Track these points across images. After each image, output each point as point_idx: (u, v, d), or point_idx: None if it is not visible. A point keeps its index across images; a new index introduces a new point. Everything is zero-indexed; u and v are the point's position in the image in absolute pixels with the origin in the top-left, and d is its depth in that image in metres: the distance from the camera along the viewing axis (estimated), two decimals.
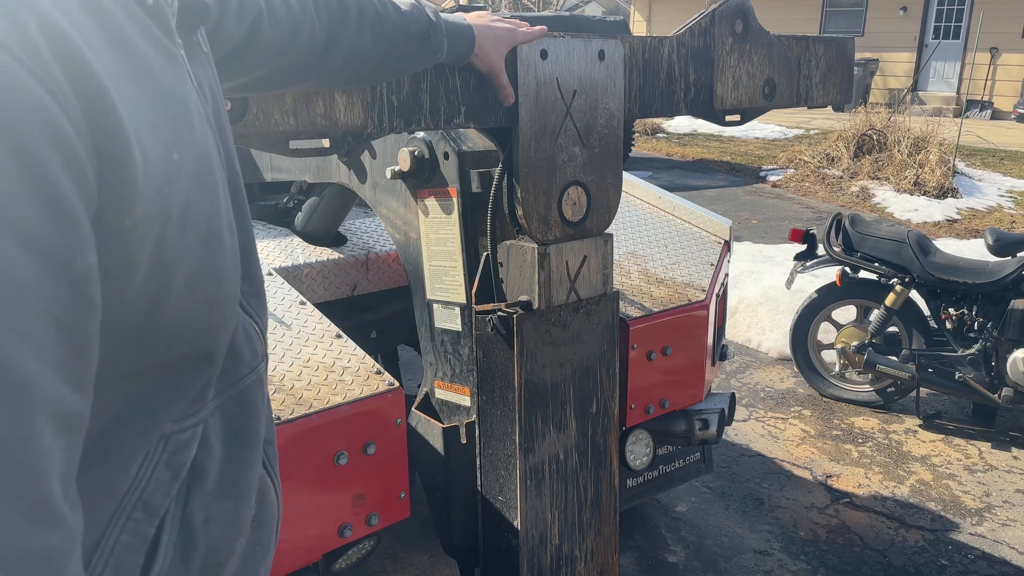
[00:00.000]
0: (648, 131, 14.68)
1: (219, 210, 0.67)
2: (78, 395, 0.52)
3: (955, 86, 17.74)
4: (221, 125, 0.77)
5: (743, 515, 3.34)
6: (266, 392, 0.86)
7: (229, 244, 0.69)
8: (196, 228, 0.62)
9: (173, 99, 0.62)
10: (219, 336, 0.70)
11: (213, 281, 0.66)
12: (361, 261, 2.67)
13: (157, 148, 0.57)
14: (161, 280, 0.60)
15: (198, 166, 0.63)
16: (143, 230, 0.56)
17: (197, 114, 0.66)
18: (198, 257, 0.63)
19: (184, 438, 0.70)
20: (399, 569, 2.92)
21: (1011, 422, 4.20)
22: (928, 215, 8.75)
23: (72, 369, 0.51)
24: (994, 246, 4.01)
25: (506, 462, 1.88)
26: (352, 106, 1.38)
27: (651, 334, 2.34)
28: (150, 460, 0.67)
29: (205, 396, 0.73)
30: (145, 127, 0.57)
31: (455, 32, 1.41)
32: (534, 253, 1.75)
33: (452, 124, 1.55)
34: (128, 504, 0.66)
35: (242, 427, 0.79)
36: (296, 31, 1.08)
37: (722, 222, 2.95)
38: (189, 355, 0.67)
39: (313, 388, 1.74)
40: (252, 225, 0.82)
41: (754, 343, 5.20)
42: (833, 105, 2.31)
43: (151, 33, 0.62)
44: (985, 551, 3.13)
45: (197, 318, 0.66)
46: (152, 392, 0.65)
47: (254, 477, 0.81)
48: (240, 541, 0.79)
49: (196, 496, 0.72)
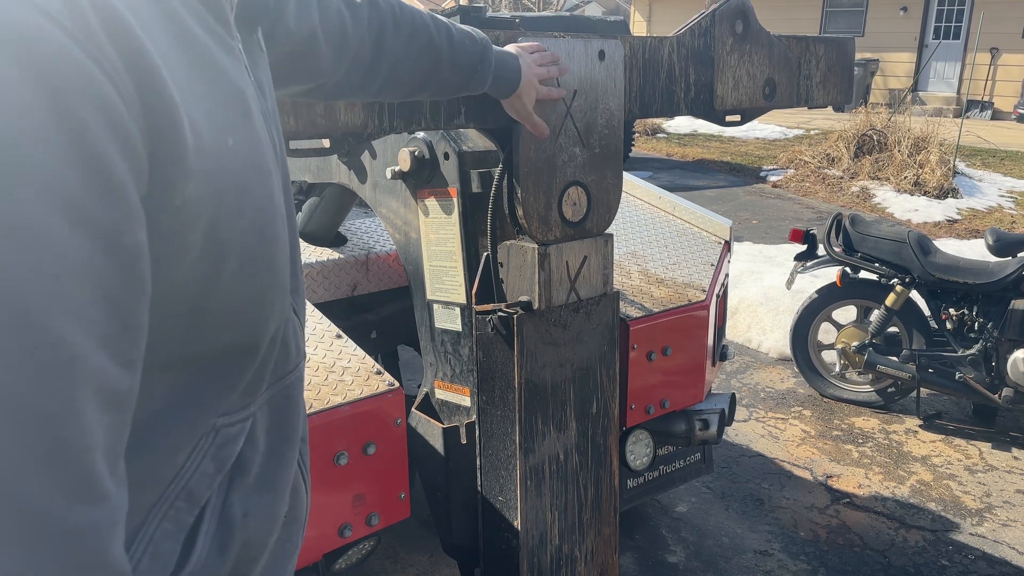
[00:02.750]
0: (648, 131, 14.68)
1: (273, 200, 0.67)
2: (125, 372, 0.52)
3: (955, 86, 17.73)
4: (277, 123, 0.78)
5: (743, 515, 3.34)
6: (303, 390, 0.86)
7: (283, 235, 0.69)
8: (250, 214, 0.63)
9: (230, 87, 0.62)
10: (266, 327, 0.70)
11: (266, 270, 0.66)
12: (361, 261, 2.67)
13: (211, 131, 0.58)
14: (213, 263, 0.60)
15: (253, 155, 0.64)
16: (195, 210, 0.56)
17: (255, 105, 0.67)
18: (252, 244, 0.63)
19: (233, 432, 0.70)
20: (399, 569, 2.92)
21: (1011, 422, 4.20)
22: (928, 215, 8.75)
23: (119, 346, 0.51)
24: (994, 246, 4.01)
25: (506, 462, 1.88)
26: (352, 106, 1.38)
27: (651, 334, 2.34)
28: (198, 451, 0.67)
29: (257, 390, 0.73)
30: (199, 110, 0.57)
31: (502, 69, 1.42)
32: (534, 253, 1.75)
33: (452, 124, 1.55)
34: (172, 493, 0.65)
35: (285, 422, 0.79)
36: (344, 47, 1.10)
37: (722, 222, 2.95)
38: (236, 345, 0.67)
39: (313, 388, 1.74)
40: (296, 221, 0.83)
41: (754, 343, 5.20)
42: (833, 105, 2.31)
43: (208, 23, 0.63)
44: (985, 551, 3.13)
45: (247, 306, 0.66)
46: (200, 382, 0.65)
47: (291, 474, 0.81)
48: (274, 536, 0.79)
49: (237, 489, 0.72)
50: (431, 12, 1.31)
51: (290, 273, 0.76)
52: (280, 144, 0.77)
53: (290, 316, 0.78)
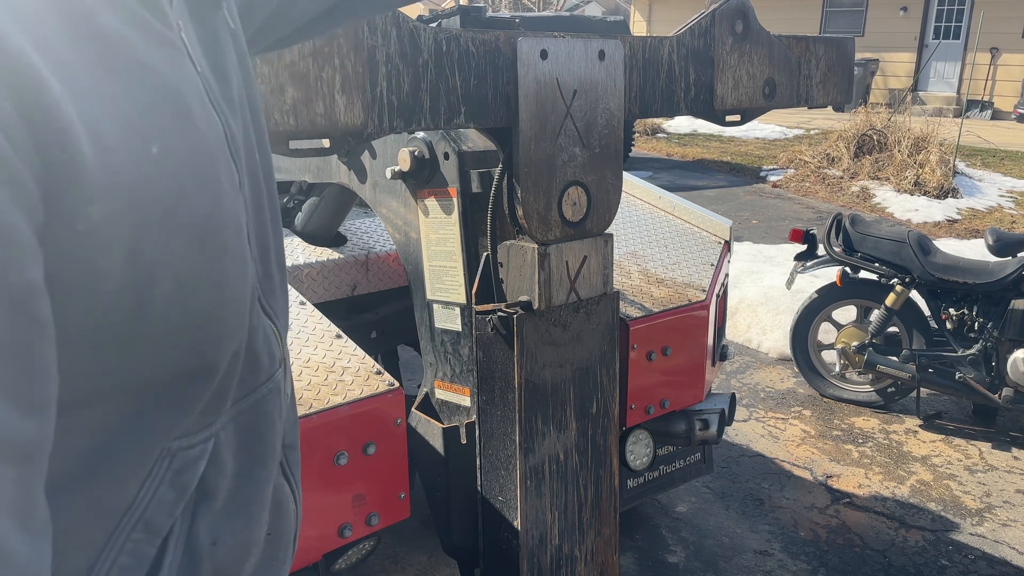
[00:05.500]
0: (648, 131, 14.68)
1: (220, 209, 0.60)
2: (30, 419, 0.47)
3: (955, 86, 17.74)
4: (245, 110, 0.71)
5: (743, 515, 3.34)
6: (285, 398, 0.79)
7: (235, 245, 0.63)
8: (187, 230, 0.57)
9: (158, 86, 0.56)
10: (220, 347, 0.64)
11: (213, 287, 0.60)
12: (361, 261, 2.67)
13: (128, 141, 0.52)
14: (140, 288, 0.54)
15: (192, 160, 0.58)
16: (106, 234, 0.51)
17: (198, 102, 0.60)
18: (191, 261, 0.57)
19: (193, 455, 0.65)
20: (399, 569, 2.92)
21: (1011, 422, 4.20)
22: (928, 215, 8.75)
23: (20, 392, 0.46)
24: (994, 246, 4.01)
25: (506, 462, 1.88)
26: (352, 106, 1.38)
27: (651, 334, 2.34)
28: (153, 478, 0.62)
29: (220, 408, 0.67)
30: (110, 118, 0.51)
31: None
32: (534, 253, 1.75)
33: (452, 124, 1.55)
34: (127, 524, 0.61)
35: (257, 440, 0.73)
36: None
37: (722, 222, 2.95)
38: (187, 367, 0.61)
39: (313, 388, 1.74)
40: (279, 215, 0.77)
41: (754, 343, 5.20)
42: (833, 105, 2.31)
43: (136, 16, 0.57)
44: (985, 551, 3.13)
45: (193, 327, 0.60)
46: (148, 408, 0.60)
47: (267, 494, 0.75)
48: (250, 561, 0.75)
49: (203, 516, 0.67)
50: None
51: (261, 275, 0.71)
52: (250, 132, 0.71)
53: (259, 323, 0.71)
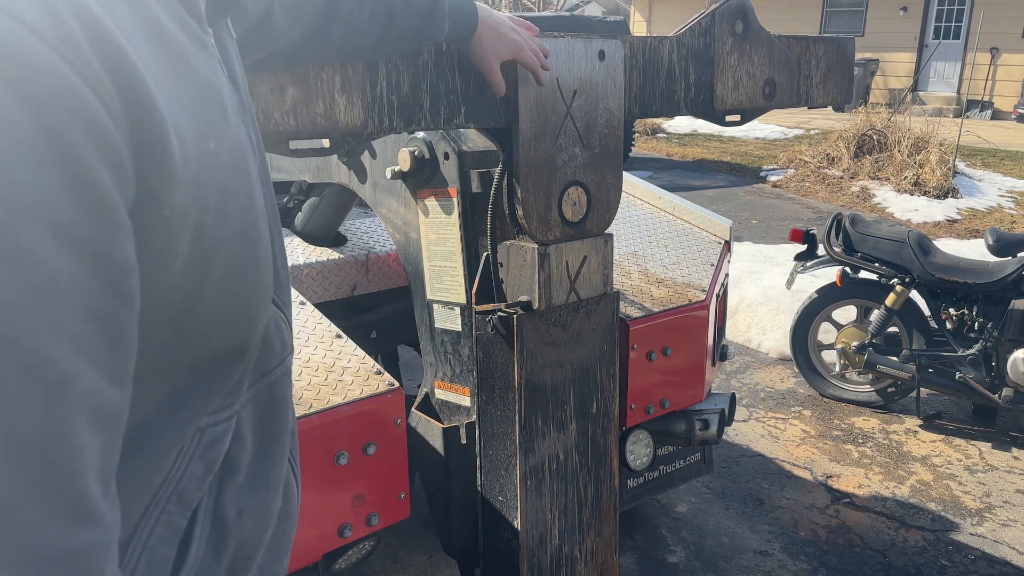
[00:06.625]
0: (648, 131, 14.68)
1: (254, 200, 0.66)
2: (117, 390, 0.51)
3: (955, 86, 17.73)
4: (251, 114, 0.77)
5: (743, 515, 3.34)
6: (292, 384, 0.85)
7: (265, 234, 0.68)
8: (234, 217, 0.62)
9: (207, 87, 0.61)
10: (255, 327, 0.70)
11: (252, 272, 0.66)
12: (361, 261, 2.67)
13: (194, 136, 0.57)
14: (200, 270, 0.59)
15: (233, 155, 0.63)
16: (182, 219, 0.55)
17: (230, 103, 0.66)
18: (237, 246, 0.63)
19: (219, 431, 0.70)
20: (399, 569, 2.92)
21: (1011, 422, 4.20)
22: (928, 215, 8.75)
23: (111, 364, 0.50)
24: (994, 246, 4.01)
25: (506, 462, 1.88)
26: (352, 106, 1.38)
27: (651, 334, 2.34)
28: (185, 453, 0.66)
29: (239, 388, 0.72)
30: (181, 115, 0.56)
31: (458, 11, 1.39)
32: (534, 253, 1.75)
33: (452, 124, 1.55)
34: (162, 497, 0.65)
35: (272, 419, 0.78)
36: (300, 12, 1.09)
37: (722, 222, 2.95)
38: (225, 347, 0.67)
39: (313, 388, 1.74)
40: (277, 213, 0.82)
41: (754, 343, 5.20)
42: (833, 105, 2.31)
43: (184, 21, 0.61)
44: (985, 551, 3.13)
45: (235, 309, 0.65)
46: (189, 386, 0.65)
47: (282, 471, 0.80)
48: (269, 533, 0.79)
49: (228, 489, 0.72)
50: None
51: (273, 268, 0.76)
52: (256, 135, 0.76)
53: (271, 311, 0.76)
